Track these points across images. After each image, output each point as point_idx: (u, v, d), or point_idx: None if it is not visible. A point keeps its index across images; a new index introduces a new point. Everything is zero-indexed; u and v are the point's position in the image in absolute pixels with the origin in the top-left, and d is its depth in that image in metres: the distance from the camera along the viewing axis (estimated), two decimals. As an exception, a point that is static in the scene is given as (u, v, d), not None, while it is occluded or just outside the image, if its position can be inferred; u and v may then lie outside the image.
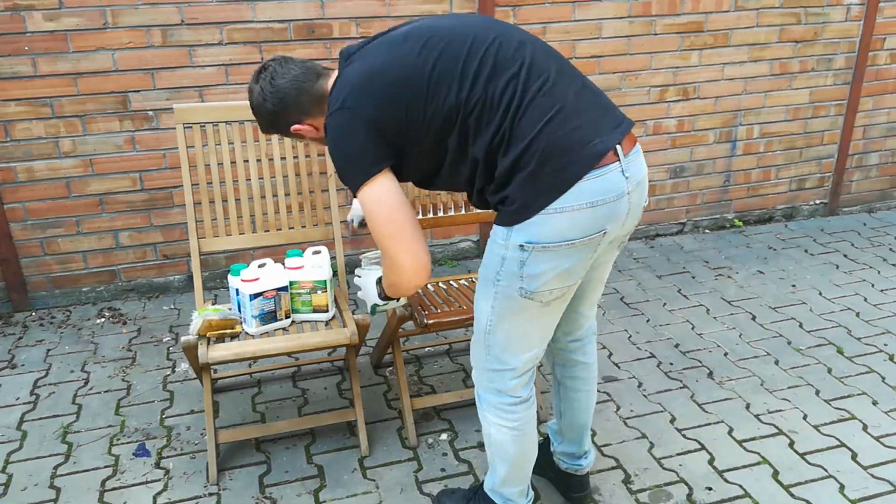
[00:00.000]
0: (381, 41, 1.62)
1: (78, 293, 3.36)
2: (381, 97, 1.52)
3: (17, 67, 2.96)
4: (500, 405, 1.74)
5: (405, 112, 1.52)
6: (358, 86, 1.54)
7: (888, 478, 2.20)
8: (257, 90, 1.70)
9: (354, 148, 1.53)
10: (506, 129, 1.50)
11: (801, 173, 4.30)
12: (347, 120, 1.53)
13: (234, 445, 2.36)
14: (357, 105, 1.52)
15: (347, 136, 1.53)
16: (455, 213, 2.61)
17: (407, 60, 1.54)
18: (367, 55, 1.59)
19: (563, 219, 1.49)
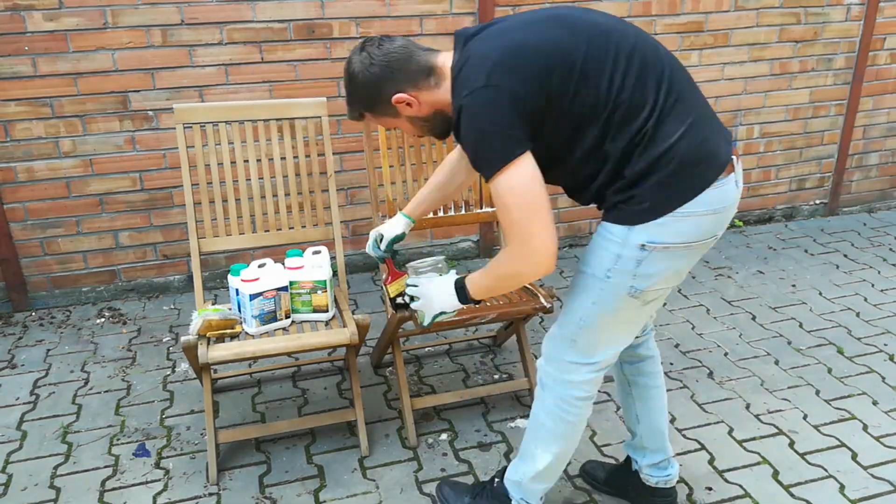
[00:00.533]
0: (513, 22, 1.56)
1: (78, 293, 3.36)
2: (531, 74, 1.46)
3: (17, 67, 2.96)
4: (566, 397, 1.75)
5: (552, 93, 1.48)
6: (503, 62, 1.46)
7: (888, 478, 2.20)
8: (363, 56, 1.60)
9: (498, 128, 1.45)
10: (648, 132, 1.50)
11: (801, 173, 4.30)
12: (493, 98, 1.45)
13: (234, 445, 2.36)
14: (503, 82, 1.44)
15: (492, 115, 1.45)
16: (455, 214, 2.61)
17: (560, 41, 1.49)
18: (503, 34, 1.52)
19: (688, 222, 1.55)
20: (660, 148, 1.51)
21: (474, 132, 1.48)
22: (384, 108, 1.64)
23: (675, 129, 1.51)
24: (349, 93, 1.66)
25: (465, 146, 1.53)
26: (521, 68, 1.46)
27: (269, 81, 3.24)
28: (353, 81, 1.63)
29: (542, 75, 1.47)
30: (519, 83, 1.45)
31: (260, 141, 2.41)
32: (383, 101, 1.62)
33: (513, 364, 2.83)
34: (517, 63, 1.46)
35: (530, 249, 1.51)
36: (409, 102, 1.61)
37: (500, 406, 2.57)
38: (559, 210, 3.89)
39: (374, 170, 2.51)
